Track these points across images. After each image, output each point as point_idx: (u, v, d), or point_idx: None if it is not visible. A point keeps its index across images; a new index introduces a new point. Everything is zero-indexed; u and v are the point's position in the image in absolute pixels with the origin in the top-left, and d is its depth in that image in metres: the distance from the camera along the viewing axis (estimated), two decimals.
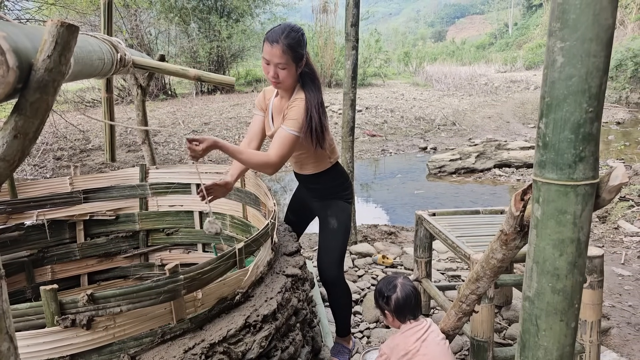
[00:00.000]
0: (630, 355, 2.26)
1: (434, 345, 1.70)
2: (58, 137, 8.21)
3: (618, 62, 12.56)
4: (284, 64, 1.91)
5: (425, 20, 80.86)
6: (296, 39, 1.91)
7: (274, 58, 1.90)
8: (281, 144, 1.88)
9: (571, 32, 0.87)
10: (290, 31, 1.89)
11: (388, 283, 1.88)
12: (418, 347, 1.71)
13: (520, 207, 1.13)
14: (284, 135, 1.89)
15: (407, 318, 1.80)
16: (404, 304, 1.80)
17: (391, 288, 1.85)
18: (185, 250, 2.70)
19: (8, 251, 2.32)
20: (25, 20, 7.32)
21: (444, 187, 6.39)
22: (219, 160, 7.35)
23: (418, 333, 1.75)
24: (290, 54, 1.90)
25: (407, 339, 1.75)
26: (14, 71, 0.67)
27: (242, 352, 1.33)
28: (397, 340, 1.78)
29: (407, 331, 1.78)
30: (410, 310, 1.80)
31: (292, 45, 1.89)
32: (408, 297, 1.80)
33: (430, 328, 1.78)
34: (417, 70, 20.91)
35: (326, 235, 2.17)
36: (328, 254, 2.16)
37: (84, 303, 1.14)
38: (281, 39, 1.87)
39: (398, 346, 1.76)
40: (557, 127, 0.92)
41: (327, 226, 2.18)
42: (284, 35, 1.87)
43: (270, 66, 1.92)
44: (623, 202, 4.43)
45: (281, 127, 1.93)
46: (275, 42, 1.87)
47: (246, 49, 14.42)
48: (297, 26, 1.95)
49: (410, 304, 1.80)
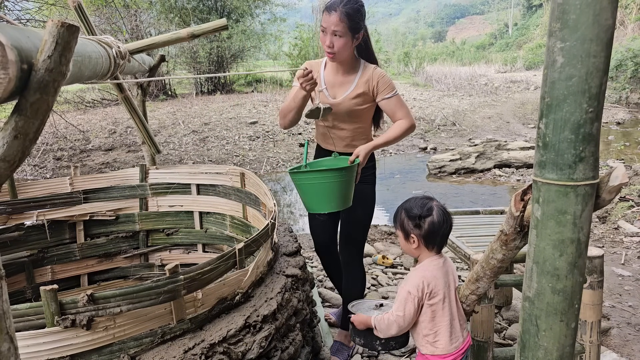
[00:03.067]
0: (630, 356, 2.26)
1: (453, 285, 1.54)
2: (58, 138, 8.22)
3: (618, 62, 12.56)
4: (340, 31, 1.93)
5: (425, 21, 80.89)
6: (355, 8, 1.93)
7: (330, 25, 1.92)
8: (401, 105, 2.10)
9: (571, 32, 0.87)
10: (349, 0, 1.91)
11: (423, 204, 1.57)
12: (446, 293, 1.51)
13: (520, 208, 1.13)
14: (396, 100, 2.09)
15: (433, 248, 1.56)
16: (437, 230, 1.53)
17: (427, 210, 1.55)
18: (185, 251, 2.70)
19: (8, 251, 2.32)
20: (25, 21, 7.33)
21: (444, 187, 6.39)
22: (219, 160, 7.35)
23: (448, 269, 1.56)
24: (347, 22, 1.92)
25: (437, 278, 1.52)
26: (14, 64, 0.67)
27: (242, 352, 1.33)
28: (426, 273, 1.53)
29: (433, 265, 1.55)
30: (440, 241, 1.55)
31: (350, 14, 1.91)
32: (442, 224, 1.54)
33: (448, 261, 1.60)
34: (417, 70, 20.92)
35: (357, 215, 2.21)
36: (357, 231, 2.25)
37: (84, 303, 1.14)
38: (339, 7, 1.89)
39: (426, 278, 1.51)
40: (557, 127, 0.92)
41: (359, 206, 2.19)
42: (343, 3, 1.89)
43: (326, 35, 1.94)
44: (623, 203, 4.43)
45: (387, 98, 2.08)
46: (333, 9, 1.90)
47: (246, 49, 14.42)
48: None
49: (442, 232, 1.54)
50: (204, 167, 2.57)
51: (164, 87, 13.00)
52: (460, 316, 1.58)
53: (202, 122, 9.25)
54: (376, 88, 2.08)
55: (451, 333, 1.53)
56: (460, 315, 1.57)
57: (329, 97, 2.15)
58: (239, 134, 8.62)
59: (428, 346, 1.55)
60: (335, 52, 1.98)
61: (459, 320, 1.56)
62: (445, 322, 1.52)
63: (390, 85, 2.09)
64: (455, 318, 1.55)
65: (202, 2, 13.66)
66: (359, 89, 2.10)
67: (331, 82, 2.15)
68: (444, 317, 1.52)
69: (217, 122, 9.24)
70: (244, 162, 7.44)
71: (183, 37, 2.05)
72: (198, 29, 2.09)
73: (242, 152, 7.80)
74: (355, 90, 2.10)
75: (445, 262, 1.58)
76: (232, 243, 2.48)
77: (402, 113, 2.09)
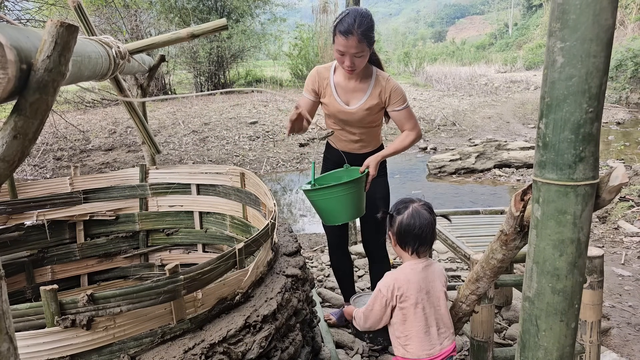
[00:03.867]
0: (630, 356, 2.26)
1: (435, 293, 1.52)
2: (58, 138, 8.22)
3: (618, 62, 12.56)
4: (360, 52, 1.93)
5: (425, 21, 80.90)
6: (369, 26, 1.91)
7: (350, 49, 1.91)
8: (410, 117, 2.16)
9: (571, 32, 0.87)
10: (362, 19, 1.88)
11: (400, 204, 1.59)
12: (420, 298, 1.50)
13: (520, 208, 1.13)
14: (406, 112, 2.15)
15: (408, 250, 1.54)
16: (407, 230, 1.52)
17: (399, 210, 1.56)
18: (185, 251, 2.70)
19: (8, 251, 2.32)
20: (25, 21, 7.33)
21: (444, 187, 6.39)
22: (219, 160, 7.35)
23: (425, 272, 1.53)
24: (366, 41, 1.92)
25: (410, 275, 1.52)
26: (14, 64, 0.67)
27: (242, 352, 1.32)
28: (397, 274, 1.54)
29: (409, 268, 1.54)
30: (414, 240, 1.52)
31: (367, 33, 1.90)
32: (412, 226, 1.51)
33: (437, 270, 1.56)
34: (417, 70, 20.92)
35: (378, 205, 2.30)
36: (379, 232, 2.36)
37: (84, 303, 1.13)
38: (355, 30, 1.87)
39: (397, 281, 1.51)
40: (557, 127, 0.92)
41: (376, 203, 2.30)
42: (357, 24, 1.87)
43: (345, 56, 1.94)
44: (623, 203, 4.43)
45: (398, 110, 2.13)
46: (350, 33, 1.87)
47: (246, 49, 14.41)
48: (364, 10, 1.93)
49: (413, 231, 1.51)
50: (204, 167, 2.57)
51: (163, 87, 12.99)
52: (444, 324, 1.55)
53: (202, 122, 9.25)
54: (389, 99, 2.13)
55: (425, 339, 1.51)
56: (443, 323, 1.55)
57: (340, 103, 2.17)
58: (239, 134, 8.62)
59: (400, 348, 1.55)
60: (356, 68, 2.01)
61: (439, 328, 1.53)
62: (417, 327, 1.51)
63: (403, 97, 2.14)
64: (434, 325, 1.52)
65: (202, 2, 13.66)
66: (372, 101, 2.14)
67: (343, 87, 2.17)
68: (415, 322, 1.51)
69: (217, 122, 9.25)
70: (244, 162, 7.44)
71: (183, 37, 2.05)
72: (198, 29, 2.09)
73: (242, 152, 7.80)
74: (369, 101, 2.14)
75: (427, 268, 1.55)
76: (232, 243, 2.47)
77: (411, 124, 2.16)
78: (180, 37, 2.05)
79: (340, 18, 1.92)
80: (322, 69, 2.20)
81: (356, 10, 1.92)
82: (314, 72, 2.19)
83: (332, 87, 2.16)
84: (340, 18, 1.92)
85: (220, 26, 2.09)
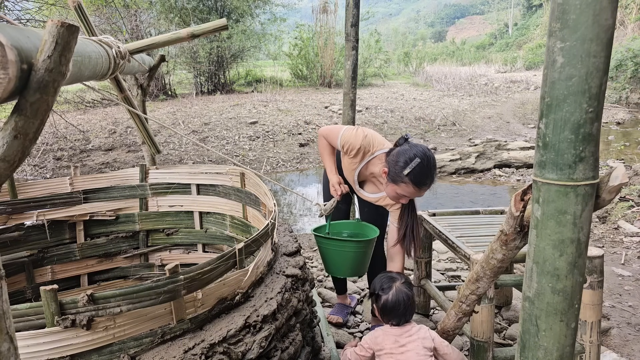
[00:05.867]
0: (630, 356, 2.26)
1: (413, 355, 1.70)
2: (58, 138, 8.21)
3: (618, 62, 12.56)
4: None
5: (425, 21, 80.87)
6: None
7: (415, 196, 1.98)
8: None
9: (571, 32, 0.87)
10: (436, 170, 1.92)
11: (386, 281, 1.86)
12: (393, 351, 1.71)
13: (520, 208, 1.13)
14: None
15: (391, 321, 1.79)
16: (391, 309, 1.78)
17: (386, 288, 1.82)
18: (185, 251, 2.70)
19: (8, 251, 2.32)
20: (25, 21, 7.33)
21: (444, 187, 6.39)
22: (218, 160, 7.35)
23: (400, 338, 1.74)
24: None
25: (387, 337, 1.76)
26: (14, 64, 0.67)
27: (242, 352, 1.32)
28: (378, 333, 1.79)
29: (389, 330, 1.78)
30: (396, 317, 1.78)
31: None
32: (397, 304, 1.77)
33: (417, 335, 1.75)
34: (417, 70, 20.93)
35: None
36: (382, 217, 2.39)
37: (84, 303, 1.13)
38: (429, 184, 1.91)
39: (377, 339, 1.76)
40: (557, 127, 0.92)
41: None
42: (433, 177, 1.90)
43: (403, 198, 1.98)
44: (623, 203, 4.43)
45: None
46: (425, 185, 1.90)
47: (246, 49, 14.41)
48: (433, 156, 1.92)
49: (397, 310, 1.78)
50: (204, 167, 2.57)
51: (164, 87, 12.99)
52: None
53: (202, 122, 9.25)
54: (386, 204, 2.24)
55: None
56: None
57: (356, 177, 2.24)
58: (239, 134, 8.62)
59: None
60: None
61: None
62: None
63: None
64: None
65: (202, 2, 13.65)
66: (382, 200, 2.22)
67: (365, 175, 2.24)
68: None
69: (217, 122, 9.24)
70: (244, 162, 7.44)
71: (183, 37, 2.05)
72: (198, 29, 2.09)
73: (242, 152, 7.80)
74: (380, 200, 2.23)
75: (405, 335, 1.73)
76: (232, 243, 2.48)
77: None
78: (180, 37, 2.05)
79: (414, 167, 1.84)
80: (363, 151, 2.12)
81: (428, 160, 1.87)
82: (357, 147, 2.10)
83: (358, 169, 2.20)
84: (416, 169, 1.85)
85: (221, 26, 2.09)
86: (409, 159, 1.85)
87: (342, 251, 2.13)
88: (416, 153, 1.86)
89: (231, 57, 14.17)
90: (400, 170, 1.86)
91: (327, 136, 2.22)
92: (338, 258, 2.15)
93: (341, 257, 2.13)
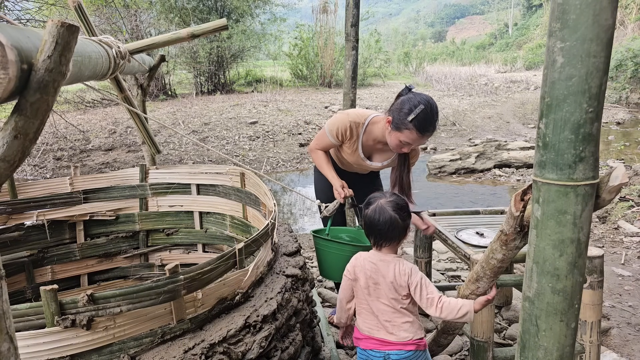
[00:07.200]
0: (630, 356, 2.26)
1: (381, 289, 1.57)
2: (58, 138, 8.21)
3: (618, 62, 12.56)
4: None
5: (425, 21, 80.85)
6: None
7: (418, 144, 2.01)
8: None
9: (571, 32, 0.87)
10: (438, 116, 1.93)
11: (374, 195, 1.67)
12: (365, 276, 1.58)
13: (520, 208, 1.13)
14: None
15: (371, 241, 1.64)
16: (370, 224, 1.61)
17: (371, 201, 1.64)
18: (185, 251, 2.70)
19: (8, 251, 2.32)
20: (25, 21, 7.33)
21: (444, 187, 6.39)
22: (218, 160, 7.35)
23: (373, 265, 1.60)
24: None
25: (365, 262, 1.62)
26: (14, 64, 0.67)
27: (242, 352, 1.32)
28: (358, 257, 1.66)
29: (369, 254, 1.64)
30: (373, 235, 1.61)
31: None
32: (377, 223, 1.57)
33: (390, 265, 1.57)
34: (417, 70, 20.94)
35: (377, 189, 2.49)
36: None
37: (84, 303, 1.13)
38: (432, 130, 1.93)
39: (355, 268, 1.64)
40: (557, 127, 0.92)
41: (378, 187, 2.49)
42: (435, 122, 1.92)
43: (406, 146, 2.00)
44: (623, 203, 4.43)
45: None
46: (428, 133, 1.93)
47: (246, 49, 14.40)
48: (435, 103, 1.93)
49: (374, 228, 1.59)
50: (204, 167, 2.57)
51: (164, 87, 12.99)
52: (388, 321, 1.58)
53: (202, 122, 9.25)
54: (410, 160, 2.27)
55: (369, 318, 1.62)
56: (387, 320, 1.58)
57: (364, 158, 2.27)
58: (239, 134, 8.62)
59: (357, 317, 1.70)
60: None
61: (388, 321, 1.59)
62: (363, 306, 1.65)
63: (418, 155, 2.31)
64: (380, 315, 1.60)
65: (202, 2, 13.64)
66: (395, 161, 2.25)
67: (369, 147, 2.25)
68: (360, 302, 1.65)
69: (217, 122, 9.24)
70: (244, 162, 7.44)
71: (183, 37, 2.05)
72: (198, 29, 2.09)
73: (242, 152, 7.80)
74: (394, 160, 2.26)
75: (382, 263, 1.61)
76: (232, 243, 2.48)
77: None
78: (180, 37, 2.05)
79: (418, 113, 1.86)
80: (354, 126, 2.17)
81: (432, 107, 1.89)
82: (347, 126, 2.16)
83: (359, 145, 2.22)
84: (420, 115, 1.86)
85: (221, 26, 2.10)
86: (413, 106, 1.90)
87: (340, 254, 2.12)
88: (420, 100, 1.90)
89: (231, 57, 14.17)
90: (405, 116, 1.90)
91: (318, 144, 2.27)
92: (335, 261, 2.14)
93: (339, 260, 2.12)
